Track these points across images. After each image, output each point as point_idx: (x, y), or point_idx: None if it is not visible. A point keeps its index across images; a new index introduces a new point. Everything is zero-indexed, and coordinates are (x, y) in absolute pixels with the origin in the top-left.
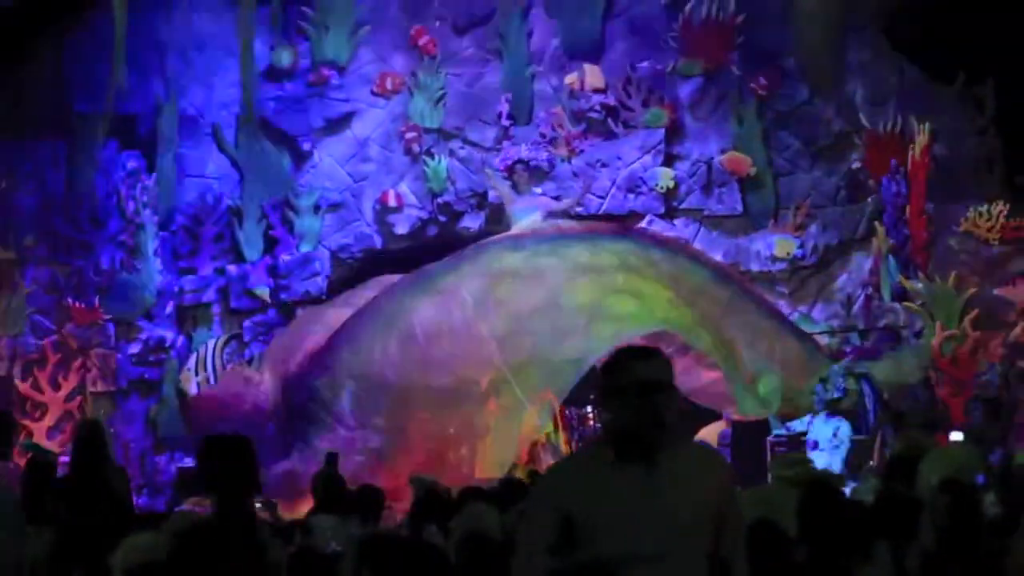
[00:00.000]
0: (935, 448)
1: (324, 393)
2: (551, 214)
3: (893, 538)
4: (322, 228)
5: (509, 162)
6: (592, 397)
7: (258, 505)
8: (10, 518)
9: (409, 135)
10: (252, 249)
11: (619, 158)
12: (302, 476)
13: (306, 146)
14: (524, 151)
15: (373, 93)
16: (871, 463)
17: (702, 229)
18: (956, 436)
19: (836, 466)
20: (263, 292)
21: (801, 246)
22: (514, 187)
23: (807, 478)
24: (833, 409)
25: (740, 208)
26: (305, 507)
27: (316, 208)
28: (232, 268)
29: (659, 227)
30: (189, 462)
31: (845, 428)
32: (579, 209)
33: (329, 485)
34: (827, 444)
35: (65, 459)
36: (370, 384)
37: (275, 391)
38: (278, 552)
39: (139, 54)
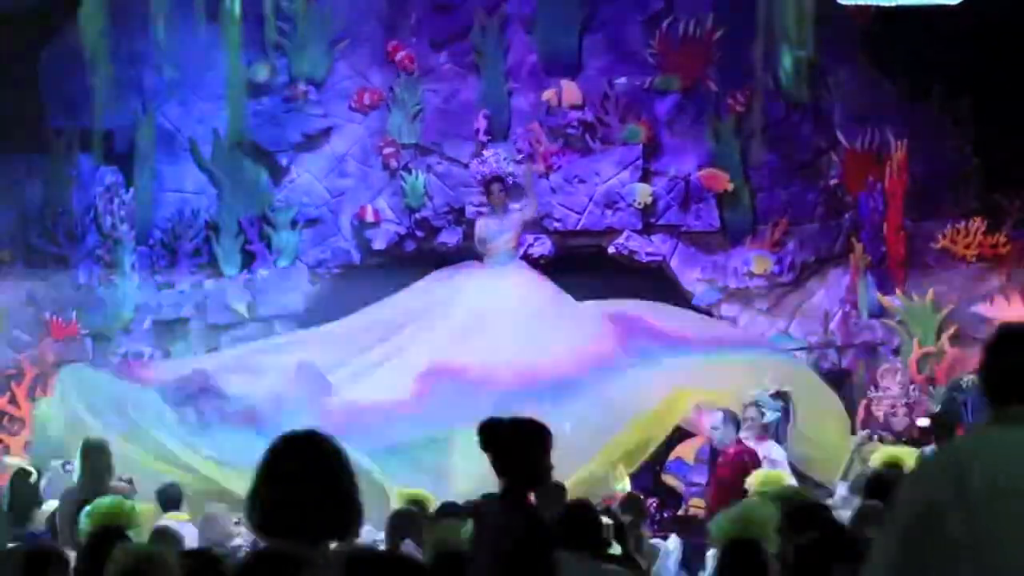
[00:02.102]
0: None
1: None
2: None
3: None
4: (300, 243)
5: (484, 178)
6: None
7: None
8: None
9: (387, 150)
10: (230, 264)
11: (597, 174)
12: None
13: (283, 161)
14: (497, 163)
15: (351, 108)
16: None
17: (679, 245)
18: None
19: None
20: (241, 307)
21: (779, 262)
22: (491, 207)
23: (786, 494)
24: (763, 433)
25: (718, 224)
26: None
27: (294, 223)
28: (210, 283)
29: (636, 243)
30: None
31: (778, 450)
32: (556, 225)
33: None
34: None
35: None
36: None
37: None
38: None
39: (116, 68)
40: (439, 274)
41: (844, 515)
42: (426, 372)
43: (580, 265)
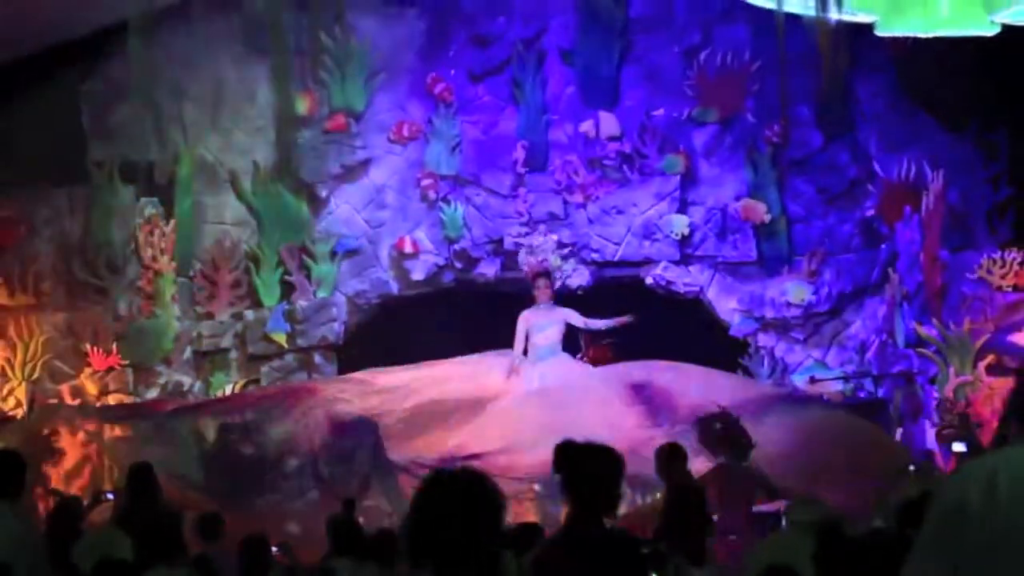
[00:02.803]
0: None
1: None
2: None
3: None
4: (339, 274)
5: (531, 270)
6: None
7: (274, 548)
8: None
9: (425, 182)
10: (269, 295)
11: (634, 205)
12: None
13: (323, 192)
14: (545, 256)
15: (389, 140)
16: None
17: (717, 275)
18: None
19: None
20: (280, 337)
21: (815, 292)
22: (534, 300)
23: (821, 521)
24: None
25: (755, 255)
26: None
27: (333, 254)
28: (249, 313)
29: (674, 273)
30: None
31: None
32: (594, 255)
33: (345, 529)
34: None
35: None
36: None
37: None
38: None
39: (157, 101)
40: (485, 360)
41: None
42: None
43: (617, 296)
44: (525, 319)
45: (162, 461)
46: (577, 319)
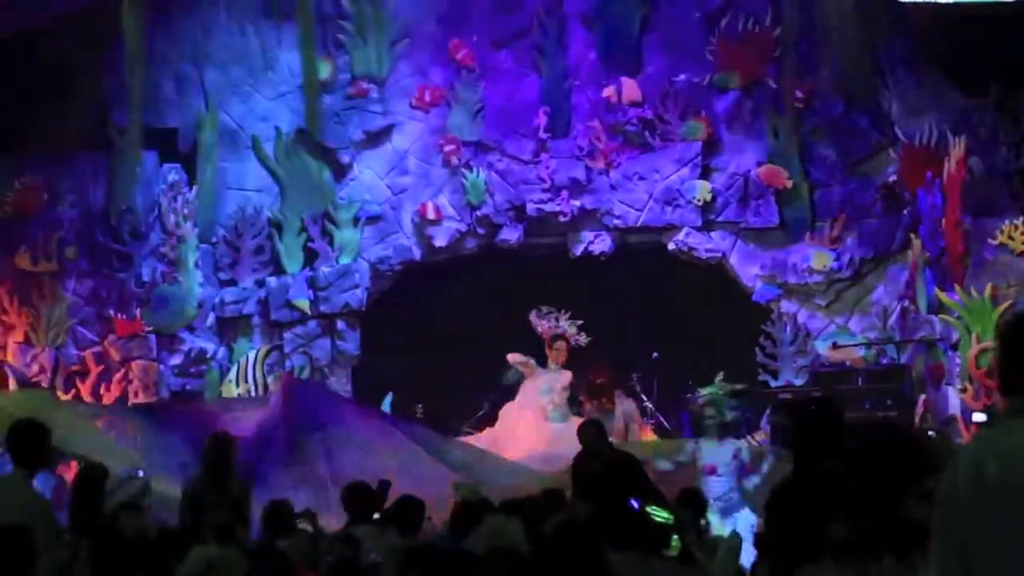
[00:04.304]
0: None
1: None
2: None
3: None
4: (361, 240)
5: (547, 333)
6: None
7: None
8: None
9: (448, 148)
10: (292, 261)
11: (656, 171)
12: None
13: (345, 159)
14: (560, 324)
15: (412, 106)
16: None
17: (739, 242)
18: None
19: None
20: (303, 304)
21: (837, 258)
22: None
23: None
24: (724, 432)
25: (777, 220)
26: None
27: (355, 220)
28: (272, 280)
29: (696, 240)
30: None
31: (745, 448)
32: (616, 222)
33: (366, 496)
34: (726, 469)
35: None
36: None
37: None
38: None
39: (179, 67)
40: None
41: None
42: None
43: (639, 262)
44: (530, 384)
45: None
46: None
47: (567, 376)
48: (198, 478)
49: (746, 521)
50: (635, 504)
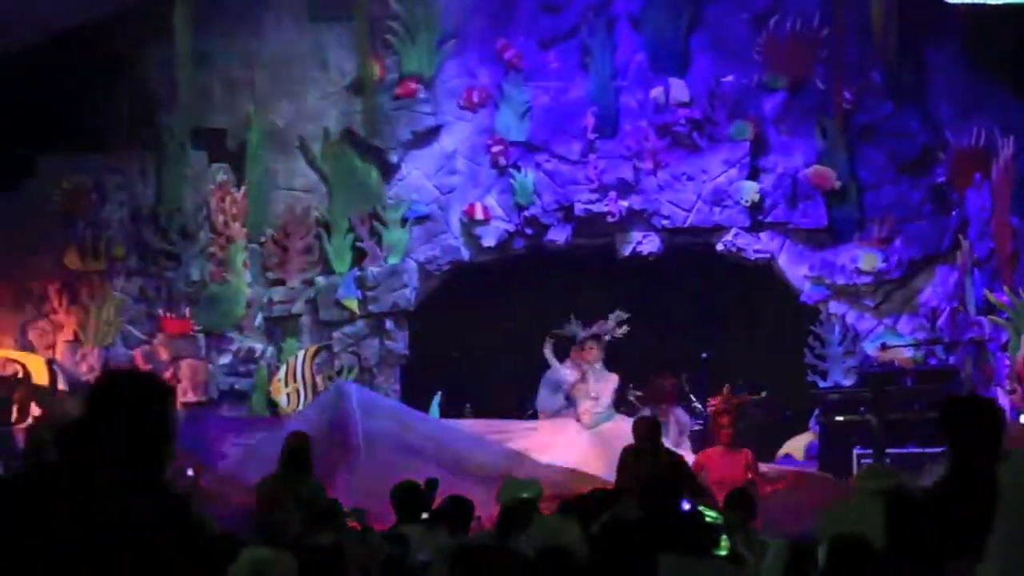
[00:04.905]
0: None
1: None
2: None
3: None
4: (409, 240)
5: (583, 336)
6: None
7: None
8: None
9: (495, 148)
10: (340, 261)
11: (704, 171)
12: None
13: (393, 159)
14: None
15: (460, 106)
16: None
17: (787, 243)
18: None
19: None
20: (352, 303)
21: (886, 259)
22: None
23: (892, 490)
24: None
25: (825, 222)
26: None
27: (403, 220)
28: (321, 280)
29: (744, 240)
30: None
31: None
32: (665, 222)
33: (412, 496)
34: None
35: None
36: None
37: None
38: None
39: (228, 68)
40: (545, 431)
41: None
42: None
43: (688, 262)
44: (576, 389)
45: None
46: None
47: (614, 379)
48: (273, 477)
49: None
50: (686, 505)
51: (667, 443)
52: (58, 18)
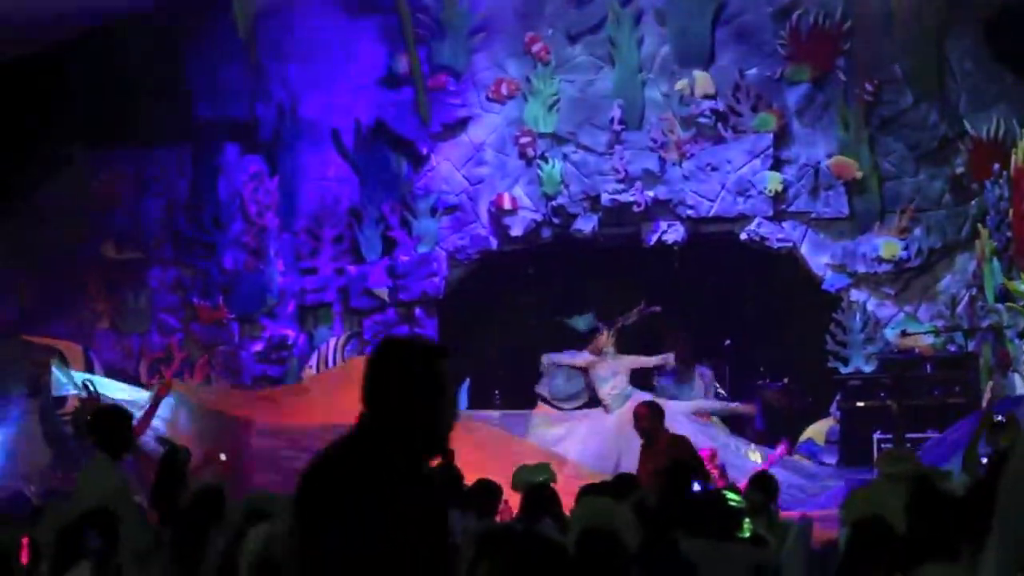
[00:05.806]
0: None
1: None
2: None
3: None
4: (439, 230)
5: (609, 328)
6: None
7: None
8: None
9: (523, 139)
10: (371, 250)
11: (728, 162)
12: None
13: (423, 150)
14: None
15: (488, 98)
16: None
17: (809, 232)
18: None
19: None
20: (382, 292)
21: (906, 248)
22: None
23: (913, 474)
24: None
25: (846, 211)
26: None
27: (433, 210)
28: (352, 268)
29: (767, 229)
30: None
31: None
32: (689, 212)
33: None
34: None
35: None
36: None
37: None
38: None
39: (261, 60)
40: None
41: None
42: None
43: (712, 251)
44: (592, 376)
45: None
46: (638, 362)
47: (627, 363)
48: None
49: None
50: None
51: (699, 395)
52: (94, 14)
